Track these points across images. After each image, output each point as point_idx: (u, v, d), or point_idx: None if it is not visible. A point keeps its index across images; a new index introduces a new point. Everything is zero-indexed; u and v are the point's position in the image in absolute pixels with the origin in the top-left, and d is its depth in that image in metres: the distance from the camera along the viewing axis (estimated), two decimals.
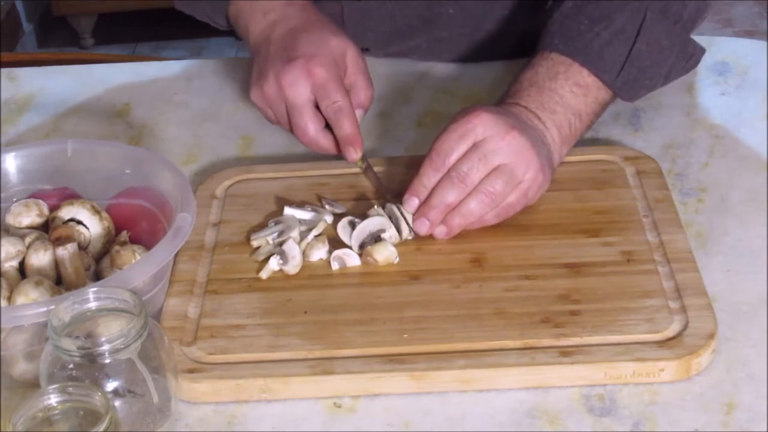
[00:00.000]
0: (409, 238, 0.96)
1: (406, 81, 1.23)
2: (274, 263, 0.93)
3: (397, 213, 0.96)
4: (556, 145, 0.99)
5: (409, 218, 0.95)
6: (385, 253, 0.93)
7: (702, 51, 1.07)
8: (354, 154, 1.02)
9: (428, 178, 0.94)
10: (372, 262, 0.93)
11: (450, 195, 0.93)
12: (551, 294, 0.89)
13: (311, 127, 1.02)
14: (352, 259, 0.94)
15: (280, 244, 0.95)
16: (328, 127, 1.03)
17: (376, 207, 0.97)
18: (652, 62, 1.03)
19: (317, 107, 1.02)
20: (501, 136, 0.92)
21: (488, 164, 0.92)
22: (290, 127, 1.04)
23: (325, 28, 1.06)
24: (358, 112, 1.05)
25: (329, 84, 1.01)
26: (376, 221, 0.95)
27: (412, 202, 0.95)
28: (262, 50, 1.06)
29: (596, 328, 0.85)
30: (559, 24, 1.03)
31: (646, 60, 1.02)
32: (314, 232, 0.96)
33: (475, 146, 0.93)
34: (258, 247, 0.96)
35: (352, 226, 0.96)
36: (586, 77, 1.01)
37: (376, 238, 0.94)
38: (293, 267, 0.93)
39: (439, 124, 1.15)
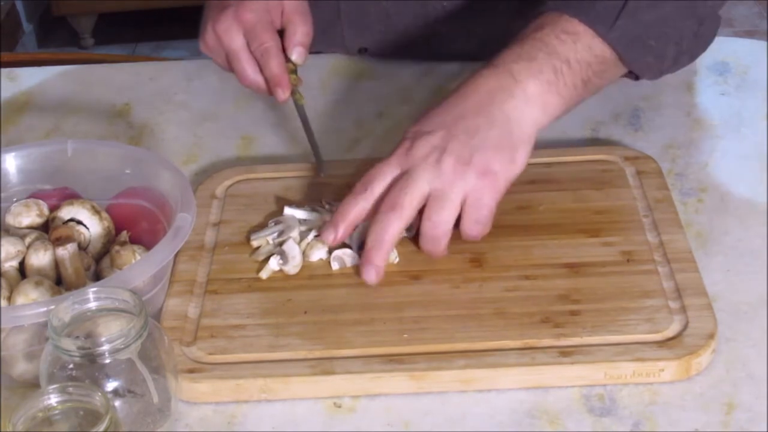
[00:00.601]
0: (408, 236, 0.95)
1: (406, 81, 1.23)
2: (274, 263, 0.93)
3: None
4: (532, 97, 0.92)
5: None
6: None
7: (717, 19, 1.02)
8: (281, 94, 1.04)
9: (348, 205, 0.91)
10: None
11: (385, 231, 0.89)
12: (551, 294, 0.89)
13: (248, 70, 1.05)
14: (352, 259, 0.94)
15: (280, 244, 0.95)
16: None
17: None
18: (656, 18, 0.97)
19: None
20: (423, 159, 0.90)
21: (417, 189, 0.89)
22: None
23: None
24: (298, 50, 1.06)
25: (257, 27, 1.04)
26: None
27: (329, 234, 0.92)
28: (207, 5, 1.09)
29: (596, 328, 0.85)
30: None
31: (647, 14, 0.97)
32: (314, 232, 0.96)
33: (400, 176, 0.90)
34: (258, 247, 0.96)
35: None
36: (576, 25, 0.95)
37: None
38: (293, 267, 0.93)
39: None
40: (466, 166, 0.90)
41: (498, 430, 0.80)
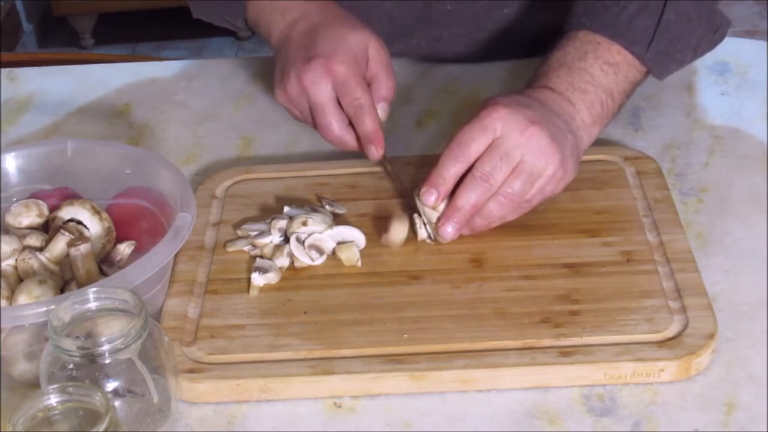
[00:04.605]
0: (428, 241, 0.95)
1: (406, 81, 1.23)
2: (259, 280, 0.92)
3: (418, 222, 0.95)
4: (587, 126, 0.97)
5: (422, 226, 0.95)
6: (348, 254, 0.93)
7: (728, 23, 1.06)
8: (375, 152, 1.01)
9: (447, 168, 0.91)
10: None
11: (473, 195, 0.91)
12: (551, 294, 0.89)
13: (335, 125, 1.02)
14: (327, 246, 0.94)
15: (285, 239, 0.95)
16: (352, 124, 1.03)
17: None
18: (681, 33, 1.01)
19: (340, 105, 1.02)
20: (520, 132, 0.90)
21: (510, 162, 0.90)
22: (315, 125, 1.04)
23: (344, 24, 1.05)
24: (382, 105, 1.03)
25: (349, 81, 1.01)
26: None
27: (430, 195, 0.92)
28: (284, 50, 1.06)
29: (596, 328, 0.85)
30: (584, 3, 1.01)
31: (675, 31, 1.00)
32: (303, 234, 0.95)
33: (494, 143, 0.91)
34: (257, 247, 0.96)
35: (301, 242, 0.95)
36: (615, 55, 0.99)
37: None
38: (273, 276, 0.92)
39: (439, 124, 1.16)
40: (556, 152, 0.91)
41: (498, 430, 0.80)
